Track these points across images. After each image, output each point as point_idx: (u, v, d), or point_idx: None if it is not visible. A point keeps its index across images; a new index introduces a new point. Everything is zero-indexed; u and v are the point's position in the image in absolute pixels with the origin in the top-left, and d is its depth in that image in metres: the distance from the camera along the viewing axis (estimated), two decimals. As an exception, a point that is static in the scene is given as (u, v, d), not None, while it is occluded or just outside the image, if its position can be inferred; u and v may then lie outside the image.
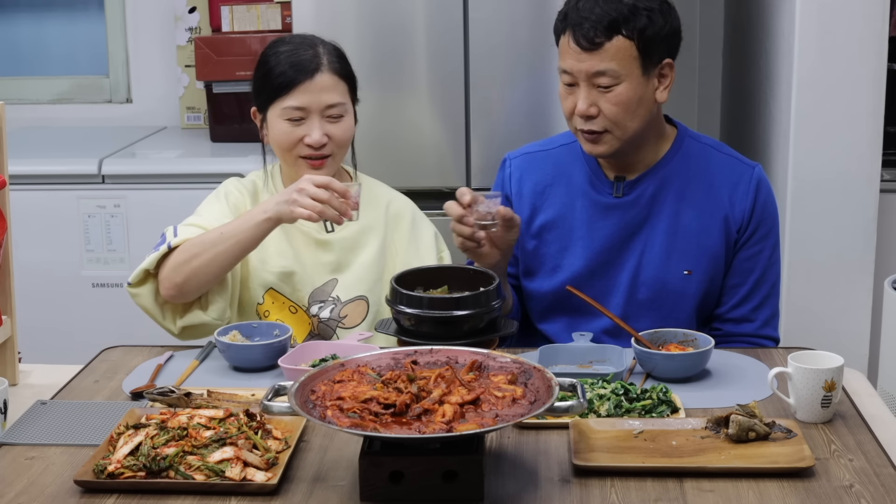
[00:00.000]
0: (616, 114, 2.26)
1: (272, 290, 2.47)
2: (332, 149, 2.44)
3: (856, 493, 1.68)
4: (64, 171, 3.56)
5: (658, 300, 2.36)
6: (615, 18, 2.22)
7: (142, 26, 4.22)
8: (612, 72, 2.23)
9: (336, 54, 2.47)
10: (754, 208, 2.36)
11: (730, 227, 2.36)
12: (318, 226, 2.49)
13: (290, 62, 2.42)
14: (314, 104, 2.41)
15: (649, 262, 2.36)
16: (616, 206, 2.37)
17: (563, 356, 2.19)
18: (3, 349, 2.17)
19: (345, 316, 2.49)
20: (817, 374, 1.90)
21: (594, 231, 2.38)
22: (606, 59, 2.23)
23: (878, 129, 3.08)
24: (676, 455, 1.78)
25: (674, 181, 2.37)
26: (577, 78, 2.26)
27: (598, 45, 2.22)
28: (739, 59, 3.70)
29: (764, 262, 2.39)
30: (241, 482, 1.69)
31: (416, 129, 3.33)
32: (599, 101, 2.26)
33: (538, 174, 2.45)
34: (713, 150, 2.41)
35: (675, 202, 2.36)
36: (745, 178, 2.37)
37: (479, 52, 3.27)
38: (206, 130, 3.98)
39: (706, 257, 2.36)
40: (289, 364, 2.11)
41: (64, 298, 3.56)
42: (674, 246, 2.36)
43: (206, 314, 2.39)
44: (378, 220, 2.54)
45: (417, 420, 1.66)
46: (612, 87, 2.25)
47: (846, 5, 3.00)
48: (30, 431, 1.92)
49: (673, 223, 2.36)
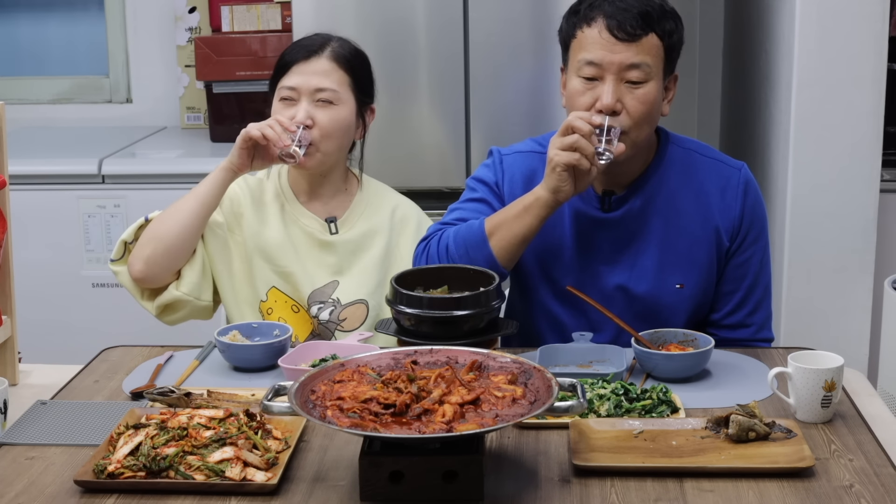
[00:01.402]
0: (641, 113, 2.18)
1: (275, 289, 2.48)
2: (317, 136, 2.42)
3: (856, 493, 1.68)
4: (64, 171, 3.56)
5: (651, 314, 2.32)
6: (651, 15, 2.17)
7: (142, 26, 4.23)
8: (646, 66, 2.17)
9: (347, 48, 2.49)
10: (743, 213, 2.32)
11: (721, 236, 2.32)
12: (323, 227, 2.50)
13: (296, 46, 2.49)
14: (304, 85, 2.43)
15: (641, 278, 2.32)
16: (604, 223, 2.31)
17: (563, 356, 2.19)
18: (3, 349, 2.17)
19: (344, 319, 2.49)
20: (817, 374, 1.90)
21: (583, 245, 2.33)
22: (643, 52, 2.17)
23: (878, 129, 3.08)
24: (676, 455, 1.78)
25: (660, 193, 2.31)
26: (606, 70, 2.17)
27: (636, 36, 2.16)
28: (739, 59, 3.70)
29: (756, 266, 2.35)
30: (241, 482, 1.69)
31: (416, 128, 3.34)
32: (625, 98, 2.17)
33: (530, 179, 2.34)
34: (697, 155, 2.35)
35: (663, 216, 2.31)
36: (733, 183, 2.32)
37: (479, 52, 3.27)
38: (206, 130, 3.98)
39: (698, 270, 2.32)
40: (289, 364, 2.11)
41: (64, 298, 3.56)
42: (665, 260, 2.31)
43: (179, 289, 2.43)
44: (383, 224, 2.54)
45: (417, 420, 1.66)
46: (642, 84, 2.17)
47: (846, 5, 3.00)
48: (30, 431, 1.92)
49: (663, 237, 2.31)
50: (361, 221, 2.53)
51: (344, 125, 2.46)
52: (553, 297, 2.37)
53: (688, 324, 2.35)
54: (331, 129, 2.44)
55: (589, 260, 2.34)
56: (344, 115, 2.46)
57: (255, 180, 2.55)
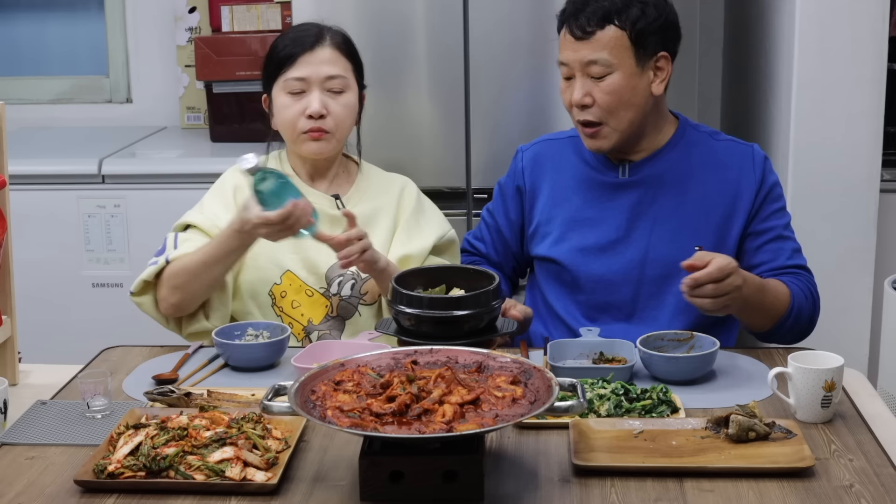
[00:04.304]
0: (609, 103, 2.32)
1: (290, 272, 2.47)
2: (332, 124, 2.46)
3: (856, 493, 1.68)
4: (64, 171, 3.55)
5: (668, 277, 2.37)
6: (608, 9, 2.30)
7: (142, 26, 4.22)
8: (604, 61, 2.30)
9: (341, 35, 2.52)
10: (764, 177, 2.40)
11: (741, 201, 2.39)
12: (330, 202, 2.52)
13: (293, 38, 2.49)
14: (314, 75, 2.44)
15: (659, 240, 2.39)
16: (622, 186, 2.42)
17: (571, 350, 2.19)
18: (3, 349, 2.17)
19: (365, 293, 2.50)
20: (817, 375, 1.90)
21: (602, 211, 2.42)
22: (598, 48, 2.30)
23: (878, 129, 3.08)
24: (676, 455, 1.78)
25: (679, 164, 2.42)
26: (573, 69, 2.33)
27: (589, 33, 2.30)
28: (739, 59, 3.70)
29: (780, 230, 2.41)
30: (241, 482, 1.69)
31: (416, 128, 3.33)
32: (593, 91, 2.32)
33: (547, 158, 2.51)
34: (711, 139, 2.46)
35: (681, 182, 2.41)
36: (748, 156, 2.43)
37: (479, 51, 3.26)
38: (206, 130, 3.98)
39: (716, 234, 2.38)
40: (301, 363, 2.09)
41: (64, 298, 3.55)
42: (684, 223, 2.39)
43: (210, 322, 2.43)
44: (390, 204, 2.56)
45: (417, 420, 1.66)
46: (605, 77, 2.31)
47: (846, 5, 3.00)
48: (30, 431, 1.92)
49: (681, 202, 2.40)
50: (367, 200, 2.55)
51: (353, 111, 2.51)
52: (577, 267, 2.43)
53: None
54: (344, 116, 2.48)
55: (607, 223, 2.42)
56: (352, 101, 2.50)
57: None
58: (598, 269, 2.41)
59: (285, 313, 2.47)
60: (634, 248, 2.40)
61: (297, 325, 2.47)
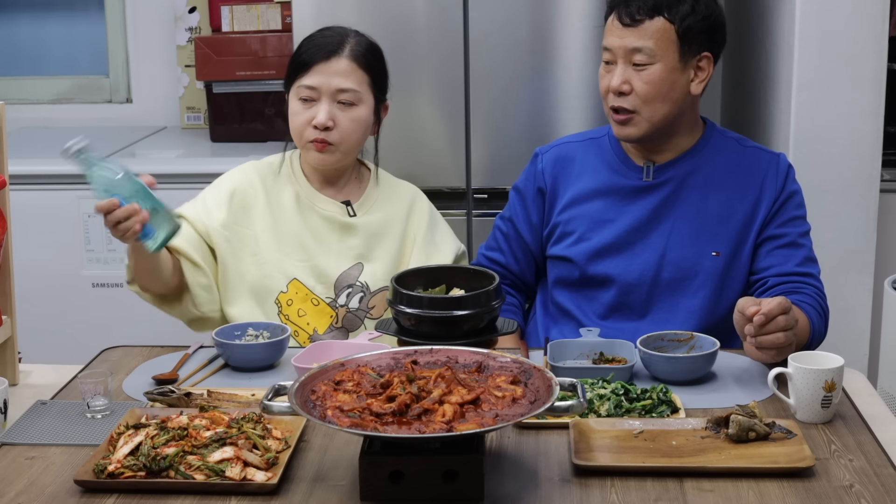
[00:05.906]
0: (647, 92, 2.32)
1: (297, 281, 2.47)
2: (337, 137, 2.44)
3: (856, 493, 1.68)
4: (64, 171, 3.54)
5: (684, 281, 2.39)
6: (660, 1, 2.31)
7: (142, 26, 4.22)
8: (649, 50, 2.31)
9: (364, 45, 2.49)
10: (785, 185, 2.41)
11: (761, 208, 2.39)
12: (341, 209, 2.51)
13: (316, 43, 2.48)
14: (325, 85, 2.43)
15: (677, 243, 2.39)
16: (645, 189, 2.42)
17: (571, 350, 2.19)
18: (3, 349, 2.17)
19: (373, 307, 2.49)
20: (817, 375, 1.90)
21: (622, 213, 2.42)
22: (645, 36, 2.31)
23: (878, 129, 3.08)
24: (676, 455, 1.78)
25: (704, 168, 2.42)
26: (616, 55, 2.34)
27: (638, 21, 2.31)
28: (739, 59, 3.70)
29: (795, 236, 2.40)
30: (241, 482, 1.69)
31: (416, 129, 3.33)
32: (633, 79, 2.33)
33: (568, 160, 2.51)
34: (738, 144, 2.47)
35: (704, 186, 2.41)
36: (773, 164, 2.43)
37: (479, 52, 3.26)
38: (206, 130, 3.98)
39: (734, 240, 2.39)
40: (302, 363, 2.09)
41: (64, 298, 3.55)
42: (703, 227, 2.39)
43: (199, 310, 2.45)
44: (400, 215, 2.56)
45: (417, 420, 1.66)
46: (647, 66, 2.32)
47: (846, 5, 3.00)
48: (30, 431, 1.92)
49: (702, 206, 2.40)
50: (378, 209, 2.55)
51: (363, 125, 2.48)
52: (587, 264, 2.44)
53: (713, 295, 2.39)
54: (351, 130, 2.46)
55: (627, 223, 2.42)
56: (364, 115, 2.47)
57: (266, 165, 2.56)
58: (613, 270, 2.41)
59: (291, 321, 2.46)
60: (651, 249, 2.40)
61: (304, 333, 2.46)
